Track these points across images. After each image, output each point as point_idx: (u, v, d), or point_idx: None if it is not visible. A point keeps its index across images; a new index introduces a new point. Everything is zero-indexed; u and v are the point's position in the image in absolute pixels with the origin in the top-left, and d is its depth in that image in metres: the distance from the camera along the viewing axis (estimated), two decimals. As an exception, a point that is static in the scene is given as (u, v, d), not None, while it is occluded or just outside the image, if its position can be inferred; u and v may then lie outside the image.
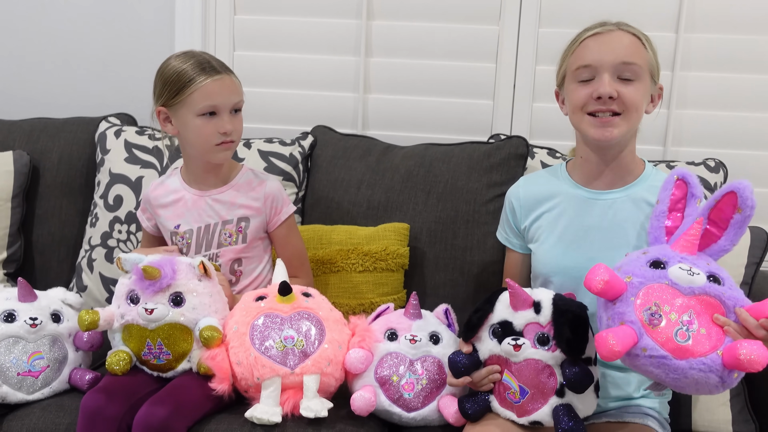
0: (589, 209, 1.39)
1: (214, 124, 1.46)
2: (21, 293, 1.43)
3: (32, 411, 1.36)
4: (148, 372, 1.38)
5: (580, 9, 1.93)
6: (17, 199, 1.87)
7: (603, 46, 1.32)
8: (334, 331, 1.36)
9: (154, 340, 1.34)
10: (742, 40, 1.90)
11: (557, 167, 1.49)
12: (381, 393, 1.33)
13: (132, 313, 1.34)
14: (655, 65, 1.35)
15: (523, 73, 1.97)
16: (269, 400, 1.28)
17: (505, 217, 1.52)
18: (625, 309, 1.10)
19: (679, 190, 1.20)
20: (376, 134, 2.00)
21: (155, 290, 1.33)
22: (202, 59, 1.49)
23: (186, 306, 1.34)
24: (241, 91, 1.51)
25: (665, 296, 1.09)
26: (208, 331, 1.32)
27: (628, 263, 1.17)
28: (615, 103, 1.30)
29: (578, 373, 1.16)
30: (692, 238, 1.13)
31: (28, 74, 2.15)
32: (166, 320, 1.33)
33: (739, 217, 1.14)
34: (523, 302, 1.23)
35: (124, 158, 1.86)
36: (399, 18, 2.01)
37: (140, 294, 1.35)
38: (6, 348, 1.37)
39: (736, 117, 1.93)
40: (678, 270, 1.10)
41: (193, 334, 1.35)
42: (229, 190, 1.56)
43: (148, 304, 1.33)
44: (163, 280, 1.33)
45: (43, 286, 1.52)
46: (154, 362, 1.35)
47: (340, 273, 1.69)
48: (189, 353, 1.35)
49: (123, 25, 2.10)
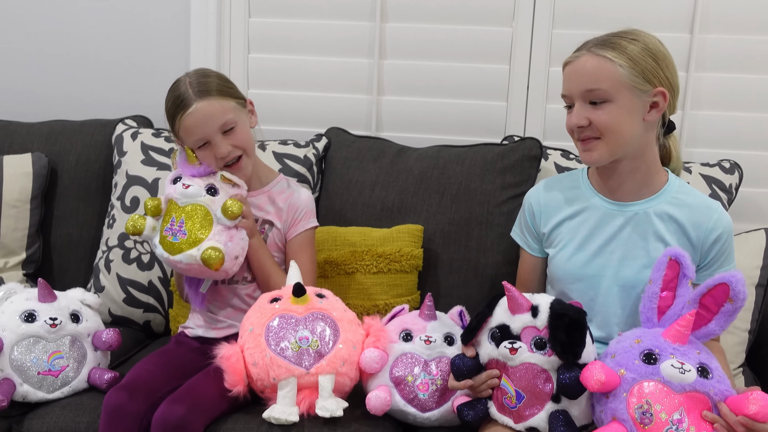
0: (611, 220, 1.39)
1: (210, 151, 1.48)
2: (41, 294, 1.45)
3: (52, 410, 1.38)
4: (160, 253, 1.44)
5: (593, 10, 1.93)
6: (36, 201, 1.90)
7: (571, 75, 1.36)
8: (348, 331, 1.36)
9: (179, 217, 1.44)
10: (757, 40, 1.89)
11: (578, 172, 1.49)
12: (396, 393, 1.34)
13: (171, 189, 1.47)
14: (636, 76, 1.30)
15: (537, 74, 1.97)
16: (286, 400, 1.29)
17: (524, 219, 1.51)
18: (617, 406, 1.13)
19: (671, 270, 1.23)
20: (390, 136, 2.00)
21: (195, 174, 1.47)
22: (179, 93, 1.46)
23: (218, 197, 1.45)
24: (224, 110, 1.45)
25: (657, 394, 1.11)
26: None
27: (621, 353, 1.18)
28: (589, 130, 1.33)
29: (572, 378, 1.16)
30: (684, 329, 1.16)
31: (46, 77, 2.18)
32: (197, 200, 1.44)
33: (731, 307, 1.18)
34: (520, 306, 1.23)
35: (141, 160, 1.88)
36: (412, 20, 2.01)
37: (182, 175, 1.48)
38: (26, 347, 1.39)
39: (751, 118, 1.92)
40: (670, 368, 1.12)
41: (213, 222, 1.43)
42: (262, 195, 1.57)
43: (186, 181, 1.46)
44: (203, 168, 1.47)
45: (61, 286, 1.54)
46: (170, 239, 1.43)
47: (354, 274, 1.69)
48: (201, 243, 1.41)
49: (139, 29, 2.12)
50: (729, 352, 1.55)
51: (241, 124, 1.49)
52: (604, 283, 1.38)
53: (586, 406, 1.20)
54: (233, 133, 1.48)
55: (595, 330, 1.38)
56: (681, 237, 1.36)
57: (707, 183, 1.76)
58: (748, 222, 1.87)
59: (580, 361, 1.18)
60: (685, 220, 1.36)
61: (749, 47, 1.89)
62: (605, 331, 1.39)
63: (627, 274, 1.37)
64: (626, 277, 1.36)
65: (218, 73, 1.53)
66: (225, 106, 1.47)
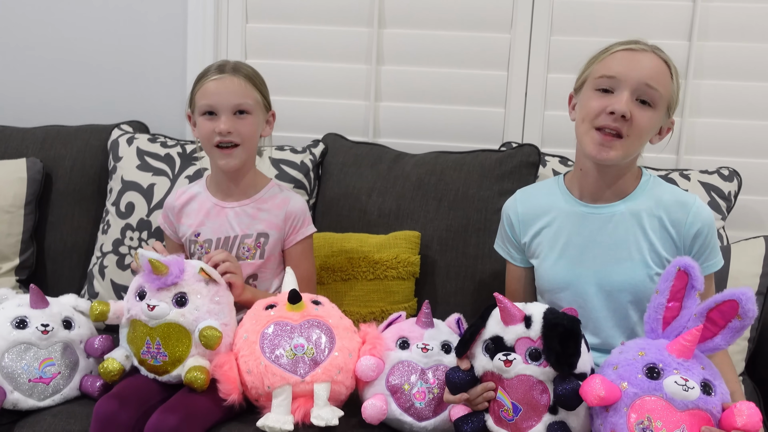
0: (588, 224, 1.38)
1: (213, 123, 1.48)
2: (33, 300, 1.43)
3: (43, 417, 1.36)
4: (145, 374, 1.37)
5: (592, 17, 1.93)
6: (30, 206, 1.88)
7: (632, 62, 1.30)
8: (344, 338, 1.35)
9: (153, 339, 1.34)
10: (755, 48, 1.89)
11: (554, 180, 1.48)
12: (392, 401, 1.32)
13: (136, 309, 1.35)
14: (674, 98, 1.33)
15: (535, 81, 1.96)
16: (280, 408, 1.27)
17: (504, 231, 1.50)
18: (617, 420, 1.11)
19: (679, 281, 1.19)
20: (387, 142, 2.00)
21: (160, 286, 1.34)
22: (217, 63, 1.52)
23: (188, 307, 1.34)
24: (246, 94, 1.49)
25: (658, 410, 1.10)
26: (208, 330, 1.31)
27: (624, 365, 1.16)
28: (625, 124, 1.29)
29: (568, 389, 1.14)
30: (690, 344, 1.14)
31: (41, 82, 2.17)
32: (166, 319, 1.33)
33: (739, 323, 1.14)
34: (513, 317, 1.21)
35: (136, 165, 1.87)
36: (410, 26, 2.01)
37: (147, 290, 1.36)
38: (17, 354, 1.37)
39: (750, 125, 1.91)
40: (674, 385, 1.10)
41: (192, 338, 1.33)
42: (252, 204, 1.56)
43: (151, 300, 1.34)
44: (169, 277, 1.34)
45: (55, 292, 1.53)
46: (151, 362, 1.35)
47: (351, 281, 1.68)
48: (185, 359, 1.34)
49: (136, 34, 2.11)
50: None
51: (254, 119, 1.51)
52: (590, 289, 1.37)
53: (584, 417, 1.18)
54: (243, 119, 1.49)
55: (590, 337, 1.36)
56: (663, 233, 1.35)
57: (706, 190, 1.75)
58: (747, 230, 1.86)
59: (576, 371, 1.17)
60: (664, 216, 1.35)
61: (748, 55, 1.89)
62: (599, 338, 1.38)
63: (613, 278, 1.35)
64: (612, 281, 1.35)
65: (258, 72, 1.57)
66: (250, 92, 1.50)
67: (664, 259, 1.35)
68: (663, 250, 1.35)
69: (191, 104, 1.53)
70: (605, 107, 1.29)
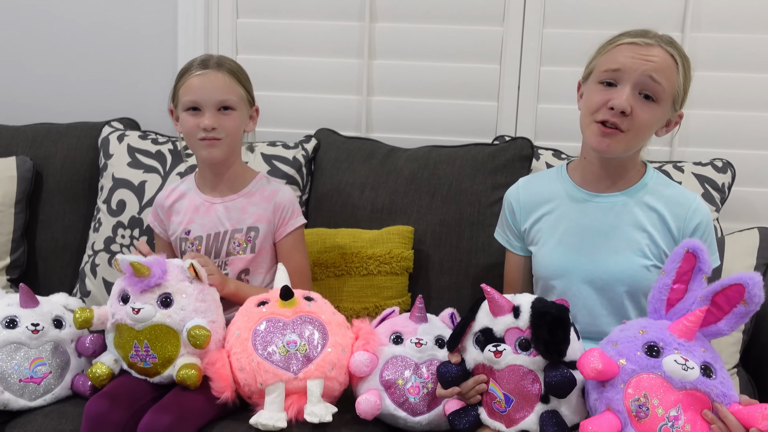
0: (589, 212, 1.38)
1: (196, 119, 1.47)
2: (23, 299, 1.42)
3: (34, 418, 1.35)
4: (136, 376, 1.36)
5: (584, 9, 1.92)
6: (20, 205, 1.87)
7: (638, 56, 1.29)
8: (337, 334, 1.34)
9: (141, 342, 1.32)
10: (748, 39, 1.88)
11: (558, 168, 1.48)
12: (386, 397, 1.32)
13: (121, 313, 1.33)
14: (681, 91, 1.32)
15: (528, 74, 1.95)
16: (273, 405, 1.27)
17: (505, 218, 1.51)
18: (613, 396, 1.10)
19: (686, 263, 1.18)
20: (380, 137, 1.98)
21: (143, 288, 1.32)
22: (200, 58, 1.50)
23: (174, 307, 1.32)
24: (230, 90, 1.48)
25: (656, 388, 1.09)
26: (196, 329, 1.30)
27: (624, 342, 1.15)
28: (625, 120, 1.28)
29: (558, 377, 1.13)
30: (692, 325, 1.13)
31: (31, 80, 2.15)
32: (152, 321, 1.31)
33: (744, 309, 1.13)
34: (501, 308, 1.21)
35: (127, 163, 1.86)
36: (402, 20, 2.00)
37: (130, 293, 1.34)
38: (8, 354, 1.36)
39: (743, 117, 1.91)
40: (673, 363, 1.09)
41: (181, 338, 1.32)
42: (240, 198, 1.55)
43: (135, 304, 1.32)
44: (152, 279, 1.32)
45: (47, 291, 1.52)
46: (141, 365, 1.34)
47: (344, 277, 1.67)
48: (175, 359, 1.33)
49: (126, 30, 2.10)
50: (723, 352, 1.53)
51: (238, 115, 1.50)
52: (587, 277, 1.37)
53: (576, 404, 1.18)
54: (227, 115, 1.48)
55: (582, 325, 1.36)
56: (662, 227, 1.35)
57: (700, 182, 1.75)
58: (740, 221, 1.86)
59: (566, 359, 1.17)
60: (664, 211, 1.35)
61: (741, 46, 1.89)
62: (593, 326, 1.37)
63: (609, 267, 1.35)
64: (609, 270, 1.35)
65: (241, 66, 1.56)
66: (233, 88, 1.49)
67: (662, 251, 1.35)
68: (662, 242, 1.35)
69: (174, 99, 1.52)
70: (606, 101, 1.29)
